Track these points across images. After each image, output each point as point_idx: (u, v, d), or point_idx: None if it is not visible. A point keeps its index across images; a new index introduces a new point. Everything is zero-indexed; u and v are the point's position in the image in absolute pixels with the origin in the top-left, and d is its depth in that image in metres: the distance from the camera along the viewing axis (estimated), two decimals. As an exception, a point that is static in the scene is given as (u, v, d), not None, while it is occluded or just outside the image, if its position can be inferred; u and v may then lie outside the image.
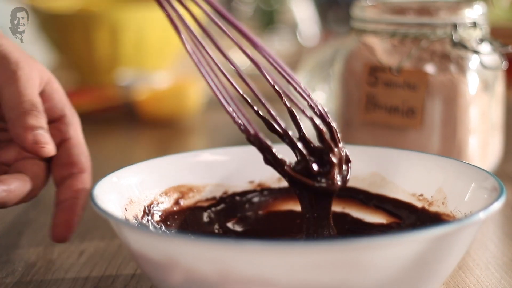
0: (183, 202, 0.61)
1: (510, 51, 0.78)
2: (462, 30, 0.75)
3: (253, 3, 1.81)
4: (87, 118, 1.10)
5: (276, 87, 0.55)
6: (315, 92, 1.08)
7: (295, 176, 0.55)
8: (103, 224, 0.69)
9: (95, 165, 0.90)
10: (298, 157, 0.56)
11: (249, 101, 0.56)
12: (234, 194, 0.64)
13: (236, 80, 0.57)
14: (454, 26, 0.75)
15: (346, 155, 0.56)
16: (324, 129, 0.55)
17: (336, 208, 0.63)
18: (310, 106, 0.55)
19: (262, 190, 0.65)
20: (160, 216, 0.59)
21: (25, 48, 0.59)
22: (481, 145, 0.77)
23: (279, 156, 0.56)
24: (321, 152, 0.56)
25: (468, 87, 0.74)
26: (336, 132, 0.56)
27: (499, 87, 0.79)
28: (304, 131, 0.56)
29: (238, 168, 0.64)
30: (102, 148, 1.00)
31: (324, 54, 1.10)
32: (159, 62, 1.33)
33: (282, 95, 0.56)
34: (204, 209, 0.62)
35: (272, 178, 0.64)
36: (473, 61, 0.75)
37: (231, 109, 0.56)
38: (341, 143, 0.56)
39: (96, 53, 1.25)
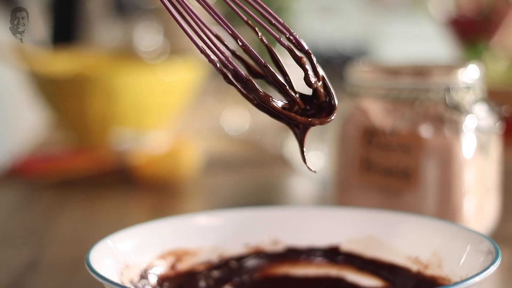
0: (179, 266, 0.61)
1: (504, 113, 0.78)
2: (456, 93, 0.76)
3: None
4: (82, 183, 1.11)
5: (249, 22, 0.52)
6: (311, 152, 1.09)
7: (294, 117, 0.52)
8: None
9: (90, 229, 0.91)
10: (284, 96, 0.52)
11: (224, 40, 0.51)
12: (230, 258, 0.64)
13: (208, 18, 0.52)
14: (448, 89, 0.75)
15: (326, 84, 0.53)
16: (304, 58, 0.52)
17: (331, 271, 0.63)
18: (289, 38, 0.52)
19: (258, 253, 0.64)
20: (156, 280, 0.59)
21: (22, 111, 0.59)
22: (477, 207, 0.77)
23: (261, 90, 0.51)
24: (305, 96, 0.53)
25: (462, 149, 0.75)
26: (315, 62, 0.52)
27: (494, 148, 0.79)
28: (285, 68, 0.52)
29: (233, 231, 0.64)
30: (96, 212, 1.00)
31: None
32: (155, 123, 1.33)
33: (256, 28, 0.52)
34: (200, 273, 0.62)
35: (267, 241, 0.64)
36: (468, 124, 0.75)
37: (204, 46, 0.51)
38: (321, 71, 0.52)
39: (91, 115, 1.26)
